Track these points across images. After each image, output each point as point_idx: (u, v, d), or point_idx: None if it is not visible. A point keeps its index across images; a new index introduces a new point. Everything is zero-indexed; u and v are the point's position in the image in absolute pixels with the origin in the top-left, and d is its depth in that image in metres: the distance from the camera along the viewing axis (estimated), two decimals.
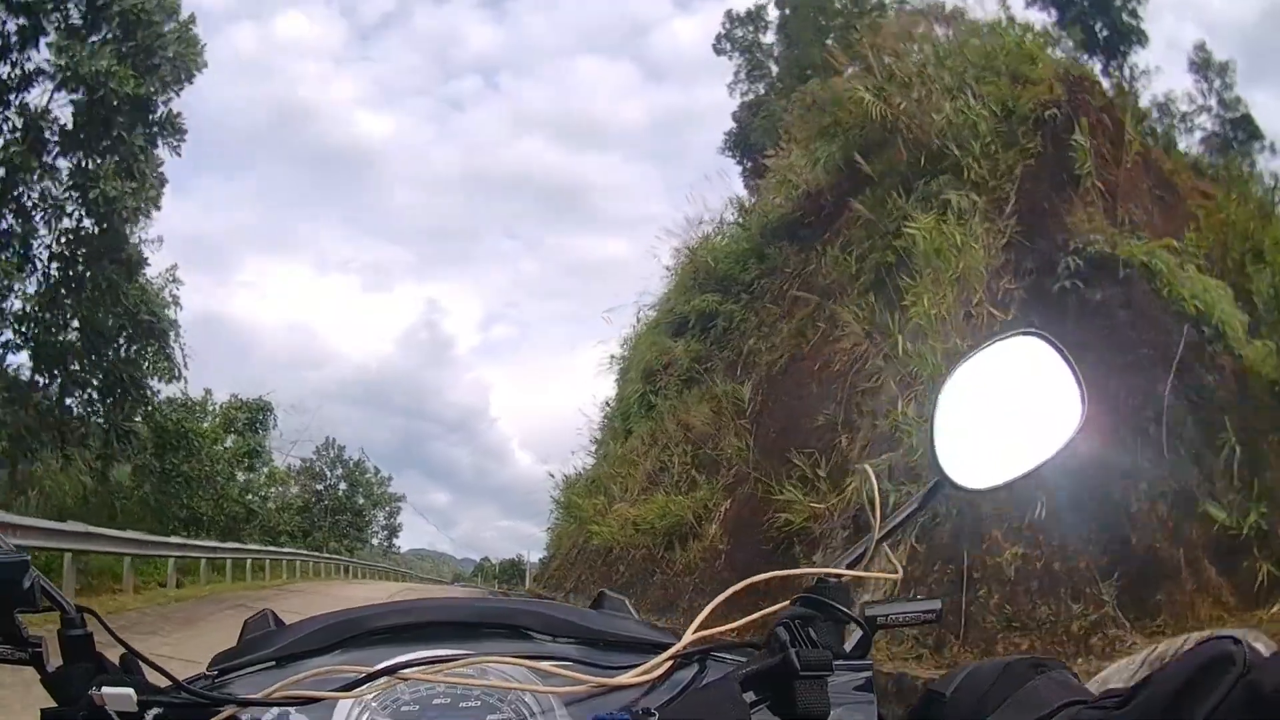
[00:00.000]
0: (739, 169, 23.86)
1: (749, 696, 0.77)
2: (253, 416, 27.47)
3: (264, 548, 23.12)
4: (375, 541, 51.34)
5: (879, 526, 0.87)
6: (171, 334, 17.13)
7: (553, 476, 18.45)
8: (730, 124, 26.17)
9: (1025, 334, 0.93)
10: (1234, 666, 0.51)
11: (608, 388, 18.49)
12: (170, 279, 17.43)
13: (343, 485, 45.82)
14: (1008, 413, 0.90)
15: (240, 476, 26.65)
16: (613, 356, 17.81)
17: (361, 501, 46.21)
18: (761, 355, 11.60)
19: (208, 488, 22.35)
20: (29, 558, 0.77)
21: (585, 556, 16.04)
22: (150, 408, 18.09)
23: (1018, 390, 0.90)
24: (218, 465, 23.70)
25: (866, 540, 0.87)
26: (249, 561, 19.42)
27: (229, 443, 25.88)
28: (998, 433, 0.89)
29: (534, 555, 76.13)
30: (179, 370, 17.41)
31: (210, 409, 25.50)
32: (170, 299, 17.19)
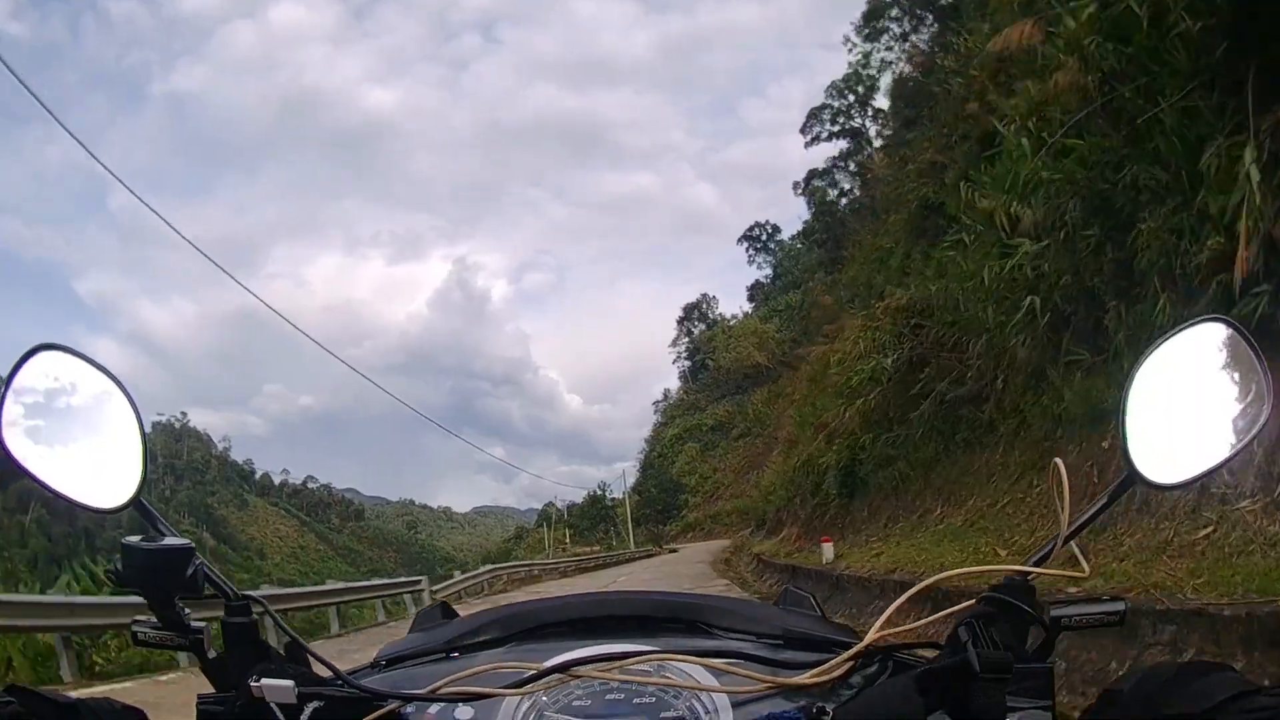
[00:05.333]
0: None
1: (926, 697, 0.75)
2: None
3: None
4: None
5: (1067, 523, 0.83)
6: None
7: None
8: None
9: (1210, 320, 0.89)
10: None
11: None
12: None
13: None
14: (1195, 404, 0.87)
15: None
16: None
17: None
18: None
19: None
20: (193, 545, 0.77)
21: None
22: None
23: (1204, 380, 0.87)
24: None
25: (1053, 538, 0.84)
26: None
27: None
28: (1186, 425, 0.86)
29: (616, 489, 66.71)
30: None
31: None
32: None
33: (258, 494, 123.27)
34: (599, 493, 70.58)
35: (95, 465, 0.82)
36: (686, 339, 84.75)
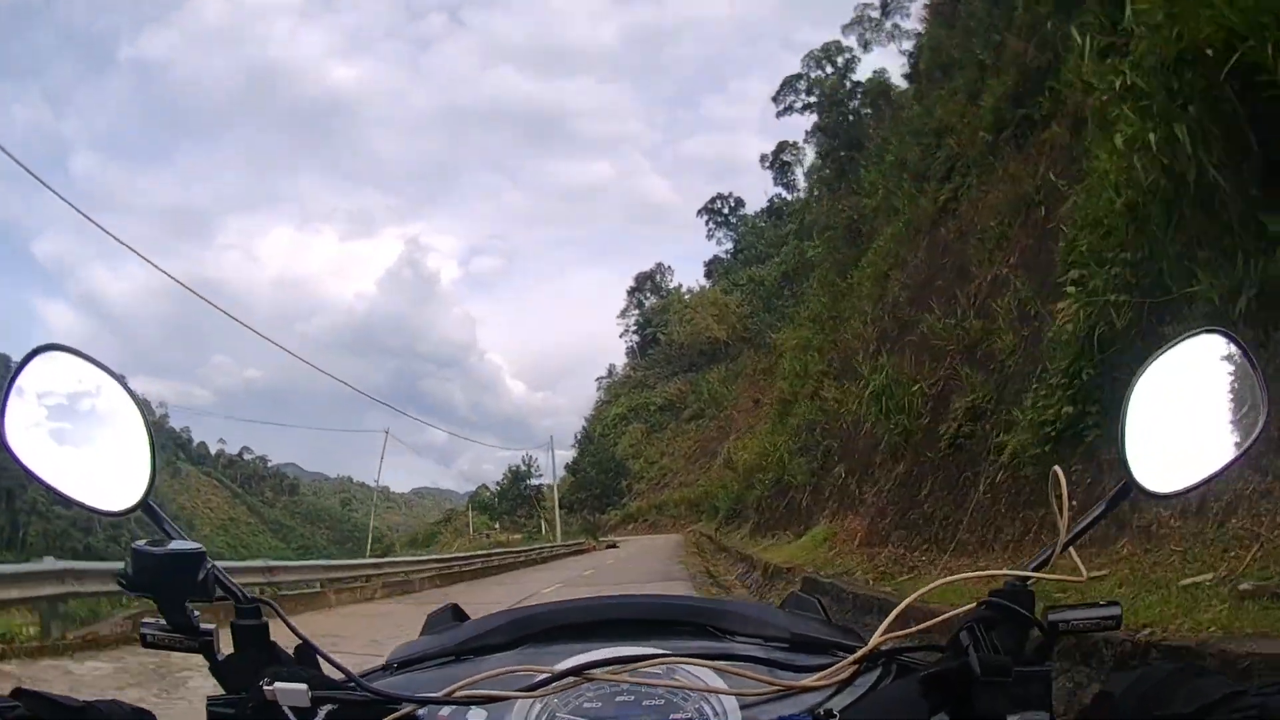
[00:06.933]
0: None
1: (929, 700, 0.76)
2: None
3: None
4: None
5: (1065, 529, 0.85)
6: None
7: None
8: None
9: (1209, 331, 0.91)
10: None
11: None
12: None
13: None
14: (1193, 414, 0.89)
15: None
16: None
17: None
18: None
19: None
20: (204, 549, 0.77)
21: None
22: None
23: (1202, 390, 0.89)
24: None
25: (1052, 543, 0.85)
26: None
27: None
28: (1184, 434, 0.88)
29: (544, 475, 54.42)
30: None
31: None
32: None
33: (192, 462, 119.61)
34: (522, 468, 56.97)
35: (103, 468, 0.80)
36: (637, 310, 78.88)
